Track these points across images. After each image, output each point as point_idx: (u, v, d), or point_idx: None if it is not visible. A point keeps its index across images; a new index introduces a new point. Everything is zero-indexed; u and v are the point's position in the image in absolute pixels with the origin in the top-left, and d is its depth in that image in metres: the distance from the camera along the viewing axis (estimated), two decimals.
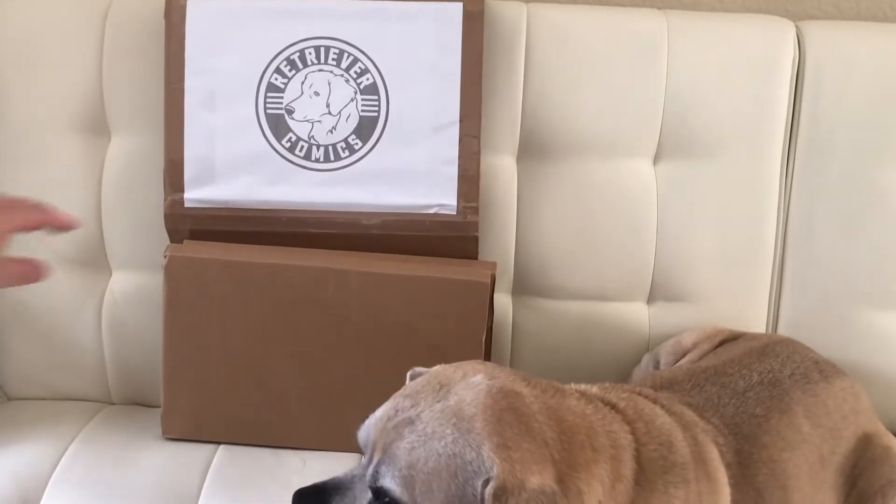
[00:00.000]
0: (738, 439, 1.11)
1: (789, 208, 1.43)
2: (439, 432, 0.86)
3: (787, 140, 1.41)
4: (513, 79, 1.37)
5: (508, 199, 1.41)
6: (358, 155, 1.32)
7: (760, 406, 1.15)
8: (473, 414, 0.87)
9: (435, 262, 1.33)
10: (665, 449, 0.98)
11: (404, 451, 0.87)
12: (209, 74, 1.30)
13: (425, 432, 0.87)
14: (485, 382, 0.90)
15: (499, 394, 0.89)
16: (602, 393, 1.04)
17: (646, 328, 1.46)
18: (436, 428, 0.87)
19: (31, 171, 1.39)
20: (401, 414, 0.89)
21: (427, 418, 0.87)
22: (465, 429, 0.86)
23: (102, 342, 1.45)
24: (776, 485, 1.10)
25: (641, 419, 1.00)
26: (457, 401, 0.88)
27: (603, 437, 0.94)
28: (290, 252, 1.30)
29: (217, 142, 1.31)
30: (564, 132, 1.39)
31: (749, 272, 1.44)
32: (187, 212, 1.33)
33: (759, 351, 1.27)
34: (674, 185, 1.42)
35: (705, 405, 1.14)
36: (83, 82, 1.37)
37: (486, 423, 0.87)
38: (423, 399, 0.90)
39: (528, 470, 0.84)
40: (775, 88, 1.39)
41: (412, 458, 0.86)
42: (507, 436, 0.86)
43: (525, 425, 0.87)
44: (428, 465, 0.86)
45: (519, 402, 0.90)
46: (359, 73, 1.30)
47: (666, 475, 0.97)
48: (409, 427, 0.88)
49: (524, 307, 1.46)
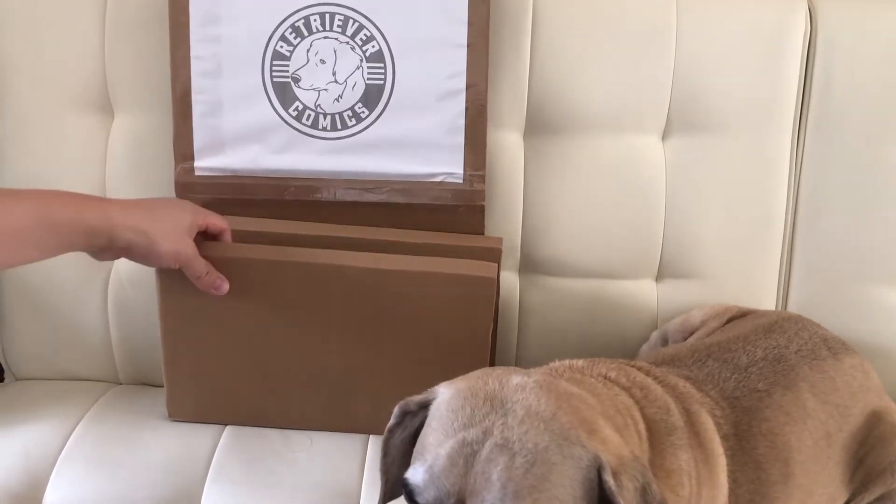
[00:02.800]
0: (736, 412, 1.10)
1: (799, 185, 1.41)
2: (542, 443, 0.80)
3: (798, 116, 1.39)
4: (519, 54, 1.35)
5: (515, 176, 1.39)
6: (364, 123, 1.30)
7: (763, 381, 1.14)
8: (553, 412, 0.82)
9: (441, 244, 1.31)
10: (664, 412, 0.98)
11: (520, 476, 0.79)
12: (214, 43, 1.28)
13: (527, 449, 0.80)
14: (528, 381, 0.86)
15: (550, 386, 0.87)
16: (590, 366, 1.03)
17: (654, 306, 1.44)
18: (535, 440, 0.80)
19: (36, 150, 1.38)
20: (479, 446, 0.80)
21: (516, 436, 0.80)
22: (558, 429, 0.81)
23: (109, 322, 1.44)
24: (776, 457, 1.09)
25: (636, 386, 1.00)
26: (525, 406, 0.82)
27: (617, 401, 0.94)
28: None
29: (225, 110, 1.30)
30: (571, 108, 1.37)
31: (758, 249, 1.42)
32: (197, 180, 1.32)
33: (766, 327, 1.25)
34: (682, 162, 1.40)
35: (705, 379, 1.13)
36: (86, 60, 1.36)
37: (568, 416, 0.83)
38: (488, 420, 0.82)
39: (616, 445, 0.84)
40: (786, 64, 1.37)
41: (533, 480, 0.79)
42: (588, 420, 0.84)
43: (588, 405, 0.87)
44: (552, 480, 0.79)
45: (566, 387, 0.88)
46: (364, 40, 1.28)
47: (670, 437, 0.96)
48: (505, 454, 0.79)
49: (531, 285, 1.45)
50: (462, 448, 0.80)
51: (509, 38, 1.34)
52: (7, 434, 1.30)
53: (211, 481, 1.24)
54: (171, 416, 1.34)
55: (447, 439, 0.81)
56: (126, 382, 1.48)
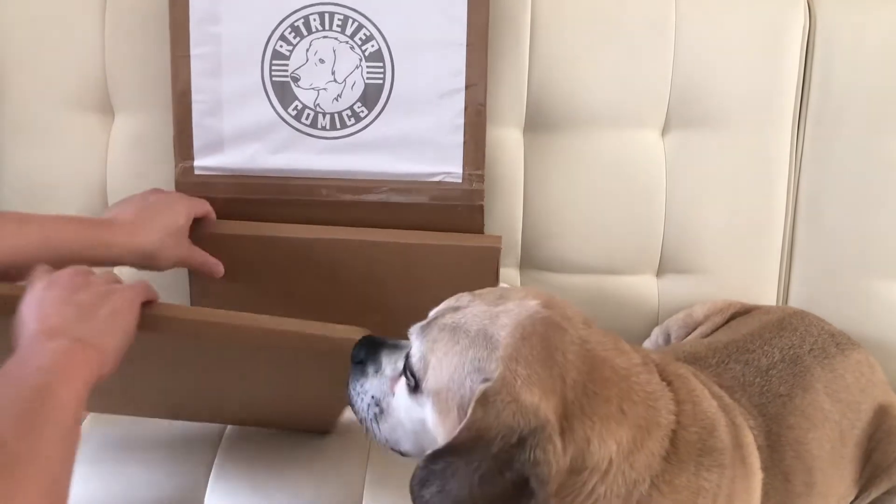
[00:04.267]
0: (766, 420, 1.08)
1: (799, 179, 1.40)
2: (470, 326, 0.89)
3: (798, 110, 1.38)
4: (519, 51, 1.34)
5: (515, 172, 1.39)
6: (364, 123, 1.30)
7: (784, 385, 1.13)
8: (505, 324, 0.88)
9: (440, 243, 1.31)
10: (706, 433, 0.95)
11: (436, 329, 0.91)
12: (214, 43, 1.27)
13: (458, 322, 0.90)
14: (535, 308, 0.90)
15: (539, 321, 0.88)
16: (664, 365, 1.00)
17: (655, 301, 1.44)
18: (470, 321, 0.89)
19: (36, 150, 1.38)
20: (457, 301, 0.94)
21: (470, 312, 0.91)
22: (490, 333, 0.88)
23: None
24: (801, 467, 1.07)
25: (691, 401, 0.97)
26: (502, 310, 0.90)
27: (640, 406, 0.90)
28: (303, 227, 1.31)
29: (224, 110, 1.29)
30: (571, 104, 1.36)
31: (759, 244, 1.41)
32: (197, 179, 1.31)
33: (776, 325, 1.24)
34: (683, 157, 1.39)
35: (733, 384, 1.12)
36: (86, 59, 1.35)
37: (511, 336, 0.87)
38: (480, 298, 0.93)
39: (529, 388, 0.83)
40: (785, 58, 1.35)
41: (437, 336, 0.90)
42: (523, 353, 0.85)
43: (548, 355, 0.86)
44: (445, 347, 0.89)
45: (556, 335, 0.88)
46: (364, 39, 1.27)
47: (700, 457, 0.93)
48: (452, 313, 0.92)
49: (532, 282, 1.44)
50: (453, 298, 0.96)
51: (509, 35, 1.33)
52: None
53: (214, 480, 1.24)
54: None
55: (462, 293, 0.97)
56: None
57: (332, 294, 1.32)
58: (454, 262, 1.31)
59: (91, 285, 0.96)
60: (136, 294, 0.98)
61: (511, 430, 0.81)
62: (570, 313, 0.92)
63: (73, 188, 1.39)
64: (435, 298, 1.27)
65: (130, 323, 0.95)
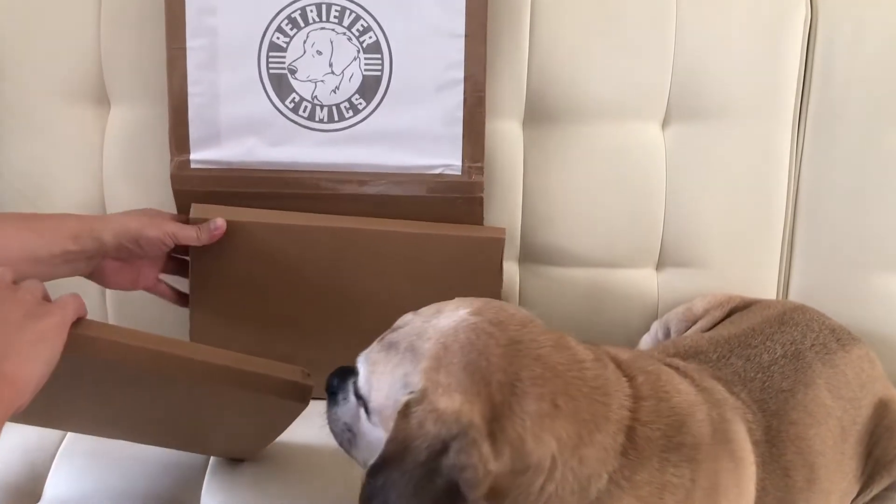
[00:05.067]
0: (766, 416, 1.07)
1: (800, 172, 1.39)
2: (402, 344, 0.91)
3: (799, 102, 1.36)
4: (518, 41, 1.33)
5: (514, 165, 1.37)
6: (362, 115, 1.28)
7: (786, 380, 1.12)
8: (429, 337, 0.90)
9: (443, 234, 1.31)
10: (672, 429, 0.95)
11: (375, 350, 0.94)
12: (210, 35, 1.26)
13: (394, 340, 0.93)
14: (463, 316, 0.91)
15: (464, 328, 0.90)
16: (631, 361, 1.00)
17: (655, 295, 1.43)
18: (402, 338, 0.92)
19: (32, 143, 1.37)
20: (399, 321, 0.97)
21: (404, 331, 0.93)
22: (416, 346, 0.90)
23: (108, 315, 1.43)
24: (803, 463, 1.07)
25: (655, 397, 0.97)
26: (431, 324, 0.92)
27: (581, 400, 0.90)
28: (306, 215, 1.31)
29: (221, 103, 1.28)
30: (571, 96, 1.35)
31: (759, 237, 1.40)
32: (194, 173, 1.30)
33: (777, 320, 1.23)
34: (683, 150, 1.37)
35: (733, 379, 1.11)
36: (82, 51, 1.34)
37: (434, 347, 0.89)
38: (418, 315, 0.95)
39: (449, 395, 0.85)
40: (786, 50, 1.34)
41: (374, 357, 0.93)
42: (444, 362, 0.87)
43: (470, 361, 0.87)
44: (380, 368, 0.92)
45: (479, 340, 0.89)
46: (361, 31, 1.26)
47: (665, 453, 0.93)
48: (391, 333, 0.95)
49: (531, 275, 1.43)
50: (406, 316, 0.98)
51: (508, 26, 1.32)
52: (6, 428, 1.26)
53: (211, 473, 1.23)
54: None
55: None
56: None
57: (332, 284, 1.32)
58: (457, 253, 1.31)
59: (17, 303, 0.85)
60: (67, 316, 0.88)
61: (434, 437, 0.83)
62: (503, 317, 0.93)
63: (69, 181, 1.38)
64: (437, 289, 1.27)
65: (56, 349, 0.84)
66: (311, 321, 1.33)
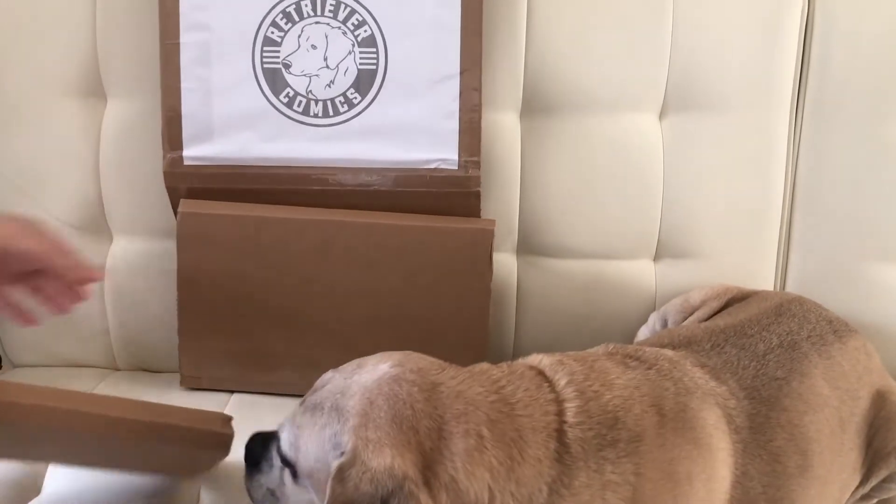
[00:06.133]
0: (753, 403, 1.07)
1: (797, 163, 1.38)
2: (325, 405, 0.91)
3: (796, 93, 1.36)
4: (515, 33, 1.32)
5: (512, 156, 1.37)
6: (357, 109, 1.27)
7: (780, 369, 1.11)
8: (353, 393, 0.90)
9: (434, 226, 1.31)
10: (605, 427, 0.95)
11: (299, 413, 0.93)
12: (204, 30, 1.25)
13: (317, 400, 0.92)
14: (385, 369, 0.92)
15: (386, 381, 0.91)
16: (554, 365, 1.00)
17: (652, 286, 1.42)
18: (325, 398, 0.92)
19: (28, 137, 1.36)
20: (320, 381, 0.96)
21: (326, 389, 0.93)
22: (341, 406, 0.90)
23: (106, 309, 1.43)
24: (795, 449, 1.06)
25: (582, 397, 0.96)
26: (354, 380, 0.92)
27: (504, 422, 0.91)
28: (295, 208, 1.31)
29: (214, 98, 1.27)
30: (568, 88, 1.34)
31: (757, 228, 1.40)
32: (187, 169, 1.29)
33: (774, 311, 1.22)
34: (680, 141, 1.37)
35: (723, 367, 1.10)
36: (77, 45, 1.33)
37: (359, 403, 0.89)
38: (339, 372, 0.95)
39: (380, 452, 0.86)
40: (784, 41, 1.33)
41: (301, 421, 0.92)
42: (371, 417, 0.88)
43: (396, 412, 0.88)
44: (307, 432, 0.91)
45: (402, 390, 0.90)
46: (356, 24, 1.25)
47: (601, 451, 0.93)
48: (312, 394, 0.94)
49: (529, 267, 1.43)
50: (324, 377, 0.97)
51: (504, 18, 1.31)
52: None
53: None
54: (182, 384, 1.37)
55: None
56: (124, 368, 1.47)
57: (322, 277, 1.31)
58: (447, 245, 1.30)
59: None
60: None
61: (372, 497, 0.83)
62: (423, 364, 0.94)
63: (65, 173, 1.37)
64: (427, 281, 1.28)
65: None
66: (300, 315, 1.32)
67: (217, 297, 1.32)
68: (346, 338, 1.32)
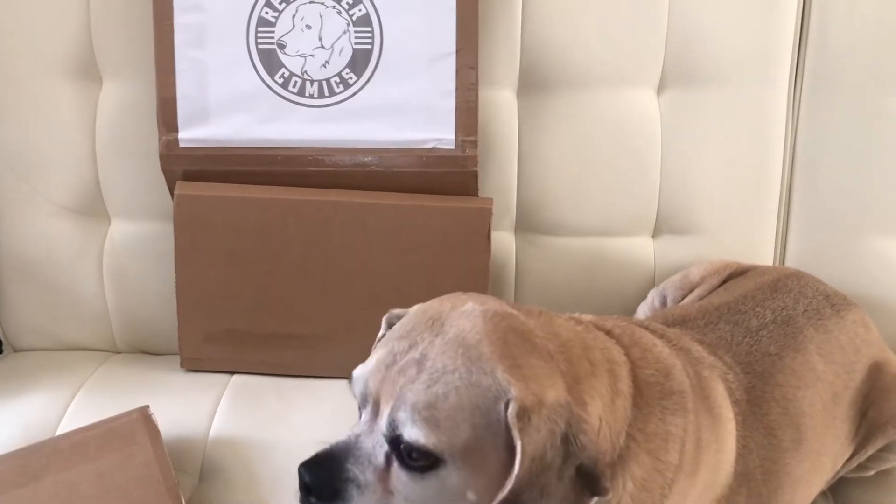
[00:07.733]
0: (749, 377, 1.07)
1: (796, 137, 1.37)
2: (451, 366, 0.82)
3: (794, 68, 1.35)
4: (510, 9, 1.31)
5: (509, 134, 1.36)
6: (353, 89, 1.26)
7: (774, 344, 1.11)
8: (478, 340, 0.83)
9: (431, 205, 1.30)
10: (661, 375, 0.95)
11: (419, 392, 0.82)
12: (198, 10, 1.24)
13: (436, 368, 0.82)
14: (477, 309, 0.87)
15: (495, 317, 0.86)
16: (597, 320, 1.01)
17: (651, 263, 1.42)
18: (445, 362, 0.82)
19: (24, 120, 1.35)
20: (401, 357, 0.84)
21: (433, 355, 0.83)
22: (474, 356, 0.82)
23: (105, 291, 1.43)
24: (789, 423, 1.06)
25: (637, 346, 0.97)
26: (456, 331, 0.84)
27: (597, 352, 0.90)
28: (291, 189, 1.30)
29: (209, 79, 1.26)
30: (565, 63, 1.33)
31: (756, 203, 1.39)
32: (182, 152, 1.28)
33: (770, 286, 1.22)
34: (678, 116, 1.36)
35: (718, 343, 1.11)
36: (72, 27, 1.32)
37: (492, 346, 0.83)
38: (419, 337, 0.85)
39: (542, 385, 0.82)
40: (782, 14, 1.32)
41: (429, 397, 0.81)
42: (515, 355, 0.83)
43: (529, 342, 0.85)
44: (449, 401, 0.81)
45: (516, 321, 0.87)
46: (351, 3, 1.23)
47: (663, 401, 0.93)
48: (415, 367, 0.83)
49: (527, 245, 1.42)
50: (388, 356, 0.85)
51: None
52: (7, 405, 1.29)
53: (211, 447, 1.23)
54: (183, 366, 1.37)
55: (384, 346, 0.86)
56: (124, 351, 1.47)
57: (319, 258, 1.31)
58: (445, 224, 1.30)
59: None
60: None
61: (553, 434, 0.80)
62: (496, 300, 0.92)
63: (62, 155, 1.37)
64: (425, 261, 1.27)
65: None
66: (298, 295, 1.32)
67: (215, 278, 1.31)
68: (345, 318, 1.32)
